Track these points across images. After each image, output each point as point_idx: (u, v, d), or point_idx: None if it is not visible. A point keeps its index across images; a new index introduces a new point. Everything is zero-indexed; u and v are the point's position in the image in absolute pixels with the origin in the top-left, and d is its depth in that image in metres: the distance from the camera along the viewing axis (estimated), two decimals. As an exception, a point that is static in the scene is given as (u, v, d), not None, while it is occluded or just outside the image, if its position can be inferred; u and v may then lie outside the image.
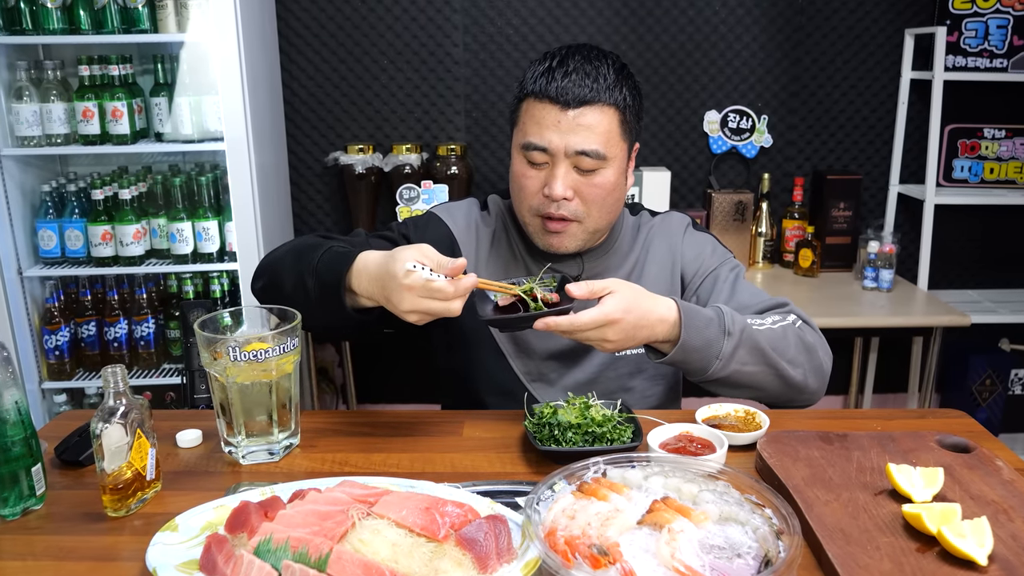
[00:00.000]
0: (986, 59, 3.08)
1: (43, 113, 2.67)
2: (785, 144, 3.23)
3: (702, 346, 1.31)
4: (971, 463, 1.12)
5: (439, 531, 0.91)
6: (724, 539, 0.90)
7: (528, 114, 1.42)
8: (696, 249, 1.57)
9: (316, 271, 1.30)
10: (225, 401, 1.20)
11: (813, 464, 1.12)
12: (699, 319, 1.32)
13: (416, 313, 1.18)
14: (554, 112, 1.38)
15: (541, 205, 1.43)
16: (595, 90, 1.38)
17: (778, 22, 3.11)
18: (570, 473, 1.02)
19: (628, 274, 1.55)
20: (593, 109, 1.38)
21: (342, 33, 3.07)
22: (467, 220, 1.60)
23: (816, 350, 1.41)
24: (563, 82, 1.37)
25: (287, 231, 3.14)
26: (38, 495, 1.09)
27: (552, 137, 1.38)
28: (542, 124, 1.39)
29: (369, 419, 1.39)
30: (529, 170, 1.43)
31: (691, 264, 1.56)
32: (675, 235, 1.59)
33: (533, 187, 1.42)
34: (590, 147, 1.38)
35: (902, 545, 0.93)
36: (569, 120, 1.37)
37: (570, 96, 1.37)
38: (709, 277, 1.54)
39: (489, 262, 1.57)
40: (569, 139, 1.38)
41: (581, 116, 1.38)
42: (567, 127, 1.38)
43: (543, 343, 1.52)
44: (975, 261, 3.36)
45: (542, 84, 1.39)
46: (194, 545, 0.95)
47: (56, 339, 2.82)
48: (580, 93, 1.37)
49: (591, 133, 1.38)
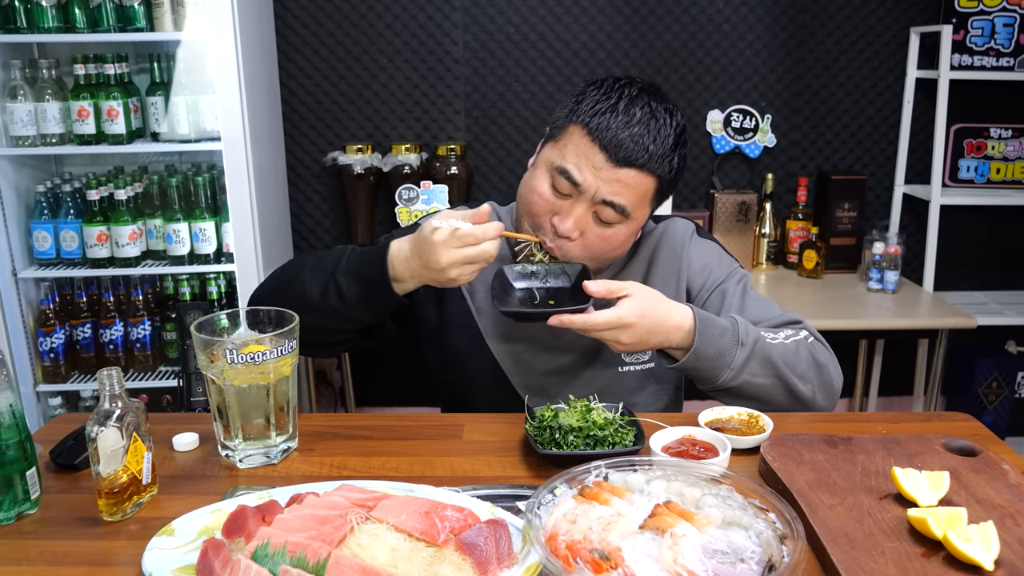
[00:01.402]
0: (992, 58, 3.08)
1: (38, 113, 2.67)
2: (789, 144, 3.23)
3: (715, 354, 1.33)
4: (977, 467, 1.12)
5: (439, 535, 0.91)
6: (727, 544, 0.90)
7: (572, 143, 1.36)
8: (702, 259, 1.55)
9: (349, 270, 1.35)
10: (222, 404, 1.20)
11: (817, 468, 1.12)
12: (714, 328, 1.33)
13: (455, 267, 1.24)
14: (600, 158, 1.33)
15: (542, 228, 1.39)
16: (647, 157, 1.34)
17: (782, 20, 3.11)
18: (571, 477, 1.02)
19: None
20: (638, 171, 1.34)
21: (341, 32, 3.07)
22: None
23: (827, 368, 1.42)
24: (621, 134, 1.32)
25: (285, 232, 3.15)
26: (32, 499, 1.09)
27: (588, 178, 1.34)
28: (582, 162, 1.34)
29: (368, 422, 1.39)
30: (548, 192, 1.38)
31: (698, 276, 1.54)
32: (680, 243, 1.56)
33: (542, 208, 1.38)
34: (618, 201, 1.34)
35: (907, 550, 0.93)
36: (610, 171, 1.33)
37: (623, 153, 1.32)
38: (716, 291, 1.52)
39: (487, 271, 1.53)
40: (603, 187, 1.34)
41: (624, 173, 1.34)
42: (606, 177, 1.33)
43: (543, 360, 1.51)
44: (981, 262, 3.36)
45: (600, 124, 1.33)
46: (191, 550, 0.95)
47: (51, 341, 2.82)
48: (633, 155, 1.33)
49: (626, 190, 1.34)
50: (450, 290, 1.52)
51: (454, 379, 1.59)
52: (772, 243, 3.19)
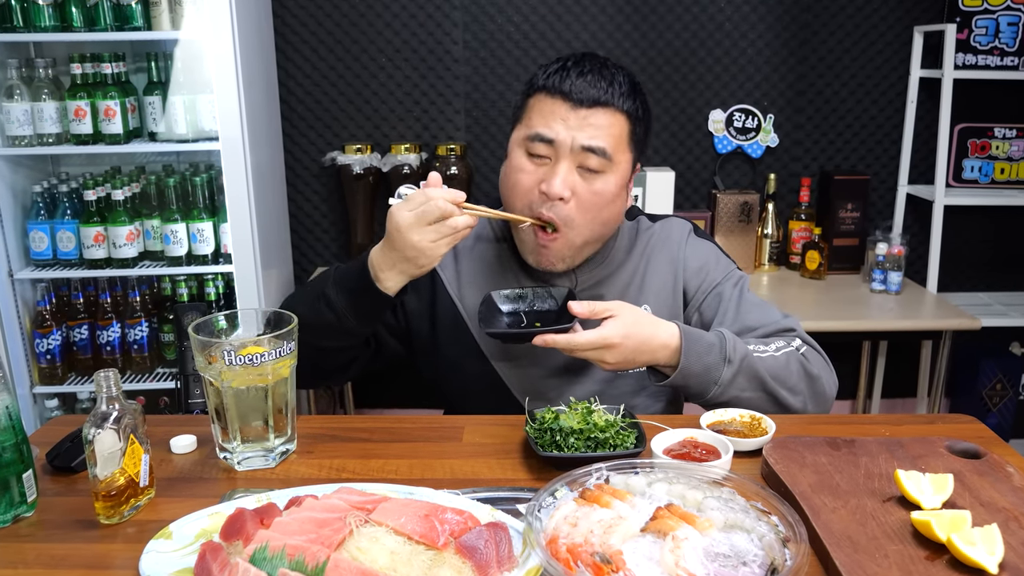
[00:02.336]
0: (997, 57, 3.08)
1: (34, 112, 2.67)
2: (791, 144, 3.23)
3: (701, 372, 1.35)
4: (981, 469, 1.12)
5: (438, 539, 0.91)
6: (729, 547, 0.90)
7: (536, 108, 1.40)
8: (699, 261, 1.55)
9: (336, 280, 1.38)
10: (220, 406, 1.20)
11: (820, 470, 1.12)
12: (700, 345, 1.35)
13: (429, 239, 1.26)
14: (564, 108, 1.37)
15: (535, 203, 1.39)
16: (609, 93, 1.37)
17: (784, 20, 3.11)
18: (572, 479, 1.02)
19: (627, 286, 1.53)
20: (605, 111, 1.37)
21: (339, 31, 3.08)
22: None
23: (820, 379, 1.43)
24: (577, 80, 1.37)
25: (283, 233, 3.15)
26: (29, 502, 1.09)
27: (560, 129, 1.36)
28: (550, 117, 1.37)
29: (367, 424, 1.39)
30: (528, 164, 1.40)
31: (694, 278, 1.54)
32: (677, 244, 1.56)
33: (528, 183, 1.39)
34: (597, 144, 1.36)
35: (911, 553, 0.93)
36: (579, 117, 1.36)
37: (584, 95, 1.36)
38: (713, 293, 1.53)
39: (476, 276, 1.54)
40: (577, 134, 1.36)
41: (592, 116, 1.36)
42: (576, 123, 1.36)
43: (542, 363, 1.51)
44: (985, 263, 3.36)
45: (555, 80, 1.38)
46: (188, 553, 0.95)
47: (48, 343, 2.82)
48: (594, 93, 1.36)
49: (600, 132, 1.37)
50: (441, 300, 1.54)
51: (452, 388, 1.59)
52: (774, 244, 3.19)
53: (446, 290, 1.54)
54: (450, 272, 1.55)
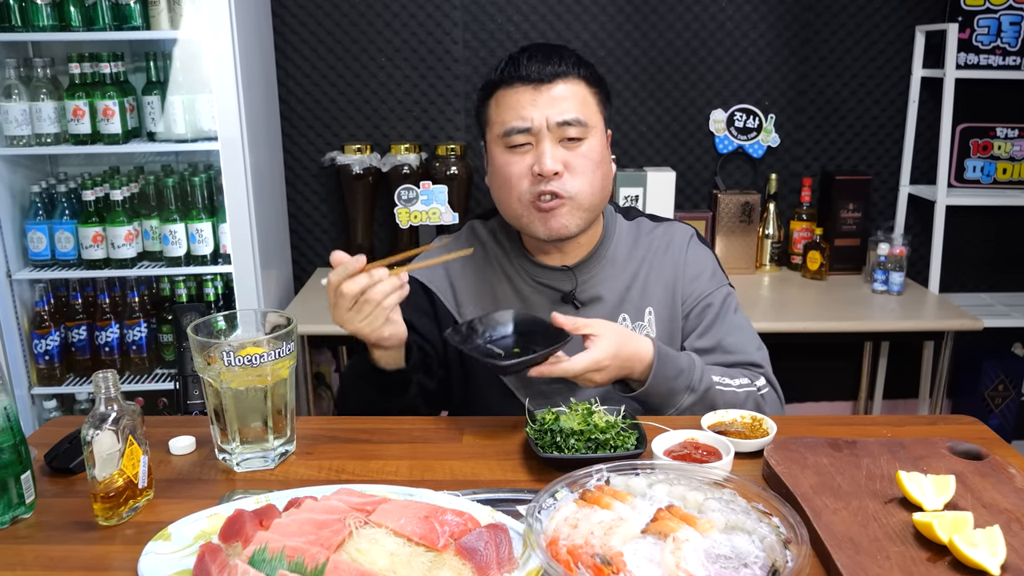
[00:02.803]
0: (999, 56, 3.08)
1: (32, 112, 2.67)
2: (793, 144, 3.23)
3: (665, 393, 1.39)
4: (983, 470, 1.12)
5: (438, 540, 0.91)
6: (730, 548, 0.90)
7: (500, 104, 1.44)
8: (696, 268, 1.57)
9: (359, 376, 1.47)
10: (219, 407, 1.21)
11: (822, 471, 1.12)
12: (671, 369, 1.39)
13: (359, 321, 1.28)
14: (528, 92, 1.41)
15: (531, 187, 1.42)
16: (563, 65, 1.42)
17: (786, 19, 3.11)
18: (573, 481, 1.02)
19: (627, 288, 1.53)
20: (565, 82, 1.42)
21: (339, 30, 3.08)
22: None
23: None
24: (530, 64, 1.41)
25: (283, 233, 3.15)
26: (27, 503, 1.10)
27: (532, 114, 1.40)
28: (518, 106, 1.41)
29: (366, 425, 1.39)
30: (512, 157, 1.43)
31: (689, 285, 1.56)
32: (678, 249, 1.57)
33: (520, 171, 1.42)
34: (571, 116, 1.40)
35: (913, 555, 0.93)
36: (544, 95, 1.41)
37: (542, 72, 1.41)
38: (701, 303, 1.54)
39: (471, 285, 1.56)
40: (549, 112, 1.40)
41: (555, 88, 1.41)
42: (544, 102, 1.40)
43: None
44: (987, 263, 3.36)
45: (510, 71, 1.43)
46: (187, 555, 0.95)
47: (46, 343, 2.82)
48: (549, 68, 1.41)
49: (568, 103, 1.41)
50: (441, 313, 1.56)
51: (456, 395, 1.60)
52: (776, 244, 3.19)
53: (445, 307, 1.56)
54: (443, 286, 1.57)
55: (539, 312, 1.47)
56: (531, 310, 1.50)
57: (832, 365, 3.42)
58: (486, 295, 1.54)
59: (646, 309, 1.53)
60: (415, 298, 1.54)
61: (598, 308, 1.52)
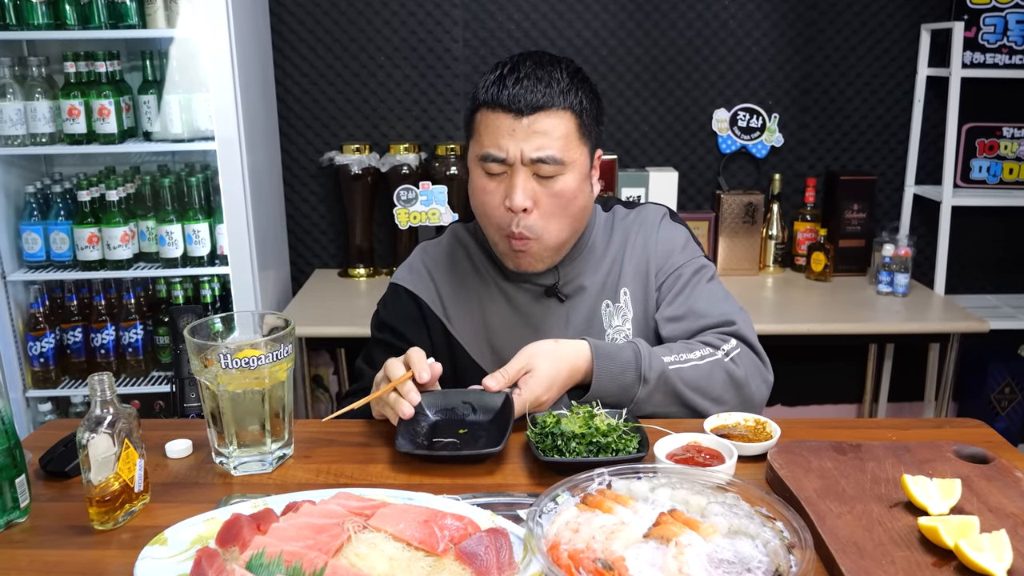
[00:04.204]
0: (1005, 55, 3.08)
1: (27, 111, 2.67)
2: (797, 144, 3.23)
3: (617, 391, 1.39)
4: (990, 474, 1.12)
5: (438, 545, 0.91)
6: (734, 553, 0.90)
7: (483, 125, 1.43)
8: (668, 243, 1.59)
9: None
10: (216, 410, 1.21)
11: (826, 475, 1.12)
12: (615, 364, 1.39)
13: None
14: (508, 120, 1.39)
15: (503, 221, 1.43)
16: (548, 95, 1.38)
17: (789, 17, 3.11)
18: (574, 485, 1.02)
19: (606, 276, 1.56)
20: (548, 115, 1.39)
21: (337, 28, 3.08)
22: (419, 270, 1.62)
23: (746, 385, 1.45)
24: (514, 89, 1.38)
25: (280, 234, 3.15)
26: (22, 507, 1.10)
27: (508, 145, 1.39)
28: (497, 134, 1.40)
29: (365, 429, 1.39)
30: (488, 183, 1.43)
31: (660, 258, 1.58)
32: (650, 227, 1.60)
33: (494, 202, 1.43)
34: (546, 154, 1.38)
35: (918, 559, 0.93)
36: (524, 127, 1.38)
37: (523, 103, 1.37)
38: (673, 275, 1.56)
39: (456, 293, 1.58)
40: (524, 146, 1.38)
41: (536, 122, 1.38)
42: (522, 135, 1.38)
43: None
44: (994, 265, 3.36)
45: (493, 93, 1.40)
46: (184, 559, 0.95)
47: (41, 346, 2.82)
48: (532, 99, 1.37)
49: (547, 139, 1.38)
50: (431, 321, 1.58)
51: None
52: (779, 245, 3.19)
53: (433, 313, 1.59)
54: (430, 292, 1.59)
55: (525, 308, 1.53)
56: (515, 307, 1.55)
57: (836, 367, 3.42)
58: (471, 298, 1.58)
59: (621, 290, 1.56)
60: (404, 306, 1.59)
61: (582, 298, 1.55)
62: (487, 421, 1.34)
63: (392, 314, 1.60)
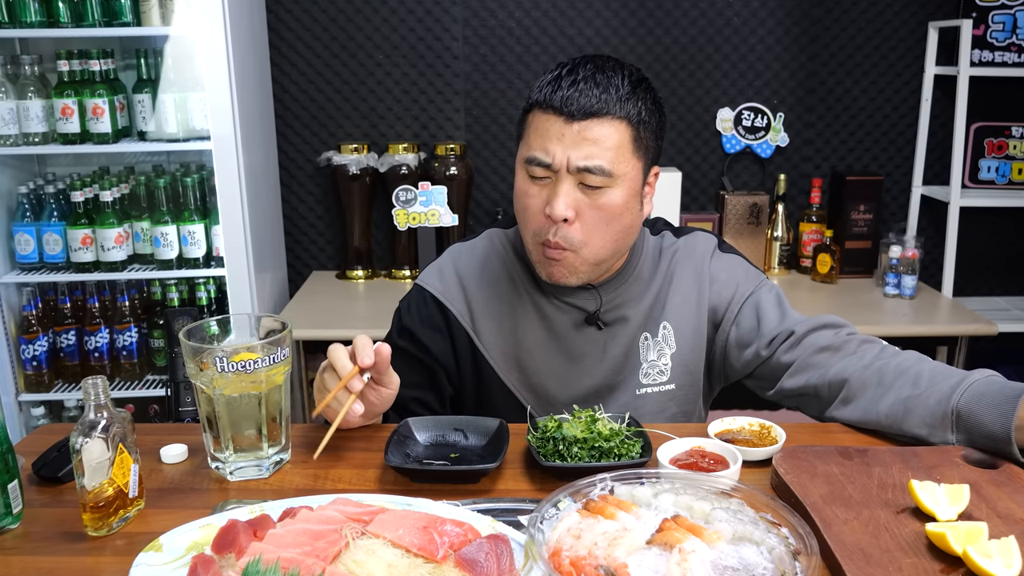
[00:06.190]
0: (1014, 54, 3.09)
1: (20, 111, 2.68)
2: (802, 143, 3.24)
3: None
4: (998, 480, 1.12)
5: (437, 551, 0.92)
6: (738, 560, 0.90)
7: (532, 126, 1.37)
8: (727, 272, 1.53)
9: None
10: (212, 414, 1.21)
11: (832, 481, 1.12)
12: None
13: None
14: (558, 124, 1.33)
15: (542, 229, 1.38)
16: (604, 101, 1.32)
17: (795, 15, 3.12)
18: (576, 490, 1.02)
19: (650, 307, 1.51)
20: (601, 122, 1.32)
21: (335, 26, 3.08)
22: (449, 277, 1.55)
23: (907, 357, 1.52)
24: (569, 91, 1.32)
25: (277, 235, 3.15)
26: (14, 513, 1.10)
27: (555, 150, 1.33)
28: (545, 137, 1.34)
29: (364, 433, 1.39)
30: (532, 187, 1.38)
31: (724, 291, 1.52)
32: (702, 259, 1.54)
33: (536, 207, 1.37)
34: (594, 163, 1.32)
35: (926, 566, 0.93)
36: (573, 133, 1.32)
37: (575, 107, 1.31)
38: (748, 303, 1.51)
39: (489, 307, 1.52)
40: (572, 153, 1.32)
41: (587, 129, 1.32)
42: (571, 141, 1.32)
43: (564, 389, 1.50)
44: (1002, 266, 3.36)
45: (547, 93, 1.34)
46: (179, 566, 0.95)
47: (34, 349, 2.83)
48: (586, 104, 1.31)
49: (597, 148, 1.32)
50: (457, 332, 1.52)
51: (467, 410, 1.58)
52: (785, 247, 3.19)
53: (460, 325, 1.52)
54: (459, 303, 1.53)
55: (561, 331, 1.48)
56: (550, 328, 1.49)
57: (843, 371, 3.42)
58: (504, 311, 1.51)
59: (662, 323, 1.51)
60: (428, 313, 1.52)
61: (623, 329, 1.50)
62: (480, 446, 1.31)
63: (414, 319, 1.53)
